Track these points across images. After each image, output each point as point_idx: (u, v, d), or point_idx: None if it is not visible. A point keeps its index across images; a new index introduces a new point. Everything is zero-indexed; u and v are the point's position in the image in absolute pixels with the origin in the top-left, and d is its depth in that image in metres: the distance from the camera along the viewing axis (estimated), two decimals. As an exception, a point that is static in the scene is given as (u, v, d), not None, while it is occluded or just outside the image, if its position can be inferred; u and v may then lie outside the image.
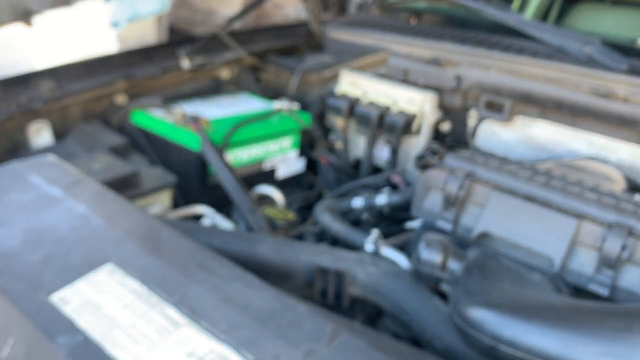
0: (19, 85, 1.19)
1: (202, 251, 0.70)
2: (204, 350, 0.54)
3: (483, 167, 0.92)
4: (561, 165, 1.05)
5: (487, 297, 0.70)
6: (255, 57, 1.60)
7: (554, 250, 0.81)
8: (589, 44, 1.11)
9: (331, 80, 1.47)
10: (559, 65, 1.13)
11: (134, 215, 0.78)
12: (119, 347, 0.55)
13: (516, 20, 1.23)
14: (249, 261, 0.89)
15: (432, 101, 1.26)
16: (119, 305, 0.60)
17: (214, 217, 1.12)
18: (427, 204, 0.95)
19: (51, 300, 0.60)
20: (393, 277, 0.87)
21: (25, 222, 0.73)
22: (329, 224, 1.06)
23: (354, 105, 1.32)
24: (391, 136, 1.27)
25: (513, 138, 1.19)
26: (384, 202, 1.13)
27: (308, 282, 0.90)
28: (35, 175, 0.84)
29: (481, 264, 0.79)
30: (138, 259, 0.67)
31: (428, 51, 1.31)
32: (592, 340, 0.60)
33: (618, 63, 1.07)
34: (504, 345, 0.64)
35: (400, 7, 1.91)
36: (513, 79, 1.18)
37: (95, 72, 1.31)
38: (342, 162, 1.39)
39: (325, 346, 0.55)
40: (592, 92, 1.08)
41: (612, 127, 1.08)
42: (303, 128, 1.38)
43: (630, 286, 0.77)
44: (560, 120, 1.14)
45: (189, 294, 0.61)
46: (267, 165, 1.33)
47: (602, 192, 0.85)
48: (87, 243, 0.70)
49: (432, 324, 0.79)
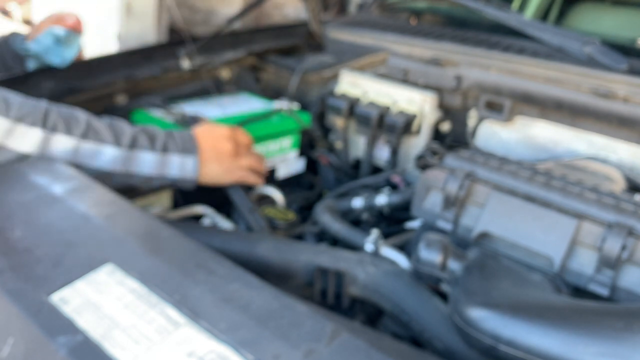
0: (19, 85, 1.19)
1: (202, 251, 0.70)
2: (204, 350, 0.54)
3: (483, 167, 0.92)
4: (561, 165, 1.05)
5: (487, 297, 0.70)
6: (255, 57, 1.60)
7: (554, 250, 0.81)
8: (589, 44, 1.11)
9: (331, 80, 1.47)
10: (559, 65, 1.13)
11: (134, 215, 0.78)
12: (119, 347, 0.55)
13: (516, 20, 1.23)
14: (249, 261, 0.89)
15: (432, 101, 1.26)
16: (119, 305, 0.60)
17: (214, 217, 1.12)
18: (427, 204, 0.95)
19: (51, 300, 0.60)
20: (393, 277, 0.87)
21: (25, 222, 0.73)
22: (329, 224, 1.06)
23: (354, 105, 1.32)
24: (391, 136, 1.27)
25: (513, 138, 1.19)
26: (384, 202, 1.13)
27: (308, 282, 0.91)
28: (36, 175, 0.84)
29: (481, 264, 0.79)
30: (138, 259, 0.67)
31: (428, 51, 1.31)
32: (592, 340, 0.60)
33: (618, 63, 1.07)
34: (504, 345, 0.64)
35: (400, 7, 1.91)
36: (513, 79, 1.18)
37: (95, 72, 1.31)
38: (342, 162, 1.39)
39: (325, 346, 0.55)
40: (592, 92, 1.08)
41: (612, 127, 1.08)
42: (303, 128, 1.38)
43: (630, 286, 0.77)
44: (560, 120, 1.14)
45: (189, 294, 0.61)
46: (267, 165, 1.33)
47: (602, 192, 0.85)
48: (87, 243, 0.70)
49: (432, 324, 0.79)
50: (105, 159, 0.95)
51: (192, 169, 1.03)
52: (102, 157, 0.95)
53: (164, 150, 1.01)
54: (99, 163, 0.95)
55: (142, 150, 0.99)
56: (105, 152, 0.96)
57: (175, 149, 1.02)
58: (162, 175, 1.01)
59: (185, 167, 1.02)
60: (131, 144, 0.98)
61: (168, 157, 1.01)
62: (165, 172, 1.01)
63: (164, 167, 1.01)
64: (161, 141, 1.01)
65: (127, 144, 0.98)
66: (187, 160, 1.02)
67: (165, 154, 1.01)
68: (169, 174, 1.01)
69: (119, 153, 0.97)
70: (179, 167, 1.02)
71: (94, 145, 0.95)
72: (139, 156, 0.99)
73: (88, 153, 0.94)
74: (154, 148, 1.00)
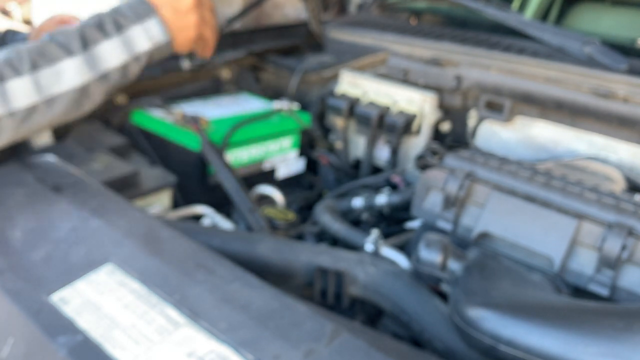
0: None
1: (202, 251, 0.70)
2: (204, 350, 0.54)
3: (483, 167, 0.92)
4: (561, 165, 1.05)
5: (487, 297, 0.70)
6: (255, 57, 1.60)
7: (554, 250, 0.81)
8: (589, 44, 1.11)
9: (331, 80, 1.47)
10: (559, 65, 1.13)
11: (134, 215, 0.78)
12: (119, 347, 0.55)
13: (516, 20, 1.23)
14: (249, 261, 0.89)
15: (432, 101, 1.26)
16: (119, 305, 0.60)
17: (214, 217, 1.12)
18: (427, 204, 0.95)
19: (51, 300, 0.60)
20: (393, 277, 0.87)
21: (25, 222, 0.73)
22: (329, 224, 1.06)
23: (354, 105, 1.32)
24: (391, 136, 1.27)
25: (513, 138, 1.19)
26: (384, 202, 1.13)
27: (308, 282, 0.90)
28: (35, 175, 0.84)
29: (481, 264, 0.79)
30: (138, 259, 0.67)
31: (428, 51, 1.31)
32: (592, 340, 0.60)
33: (618, 63, 1.07)
34: (503, 345, 0.64)
35: (400, 7, 1.91)
36: (513, 79, 1.18)
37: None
38: (342, 162, 1.39)
39: (325, 346, 0.55)
40: (592, 92, 1.08)
41: (612, 127, 1.08)
42: (303, 128, 1.38)
43: (630, 286, 0.77)
44: (560, 120, 1.14)
45: (189, 294, 0.61)
46: (267, 165, 1.33)
47: (602, 192, 0.85)
48: (87, 243, 0.70)
49: (432, 324, 0.79)
50: (70, 76, 0.85)
51: (159, 31, 0.92)
52: (65, 75, 0.85)
53: (119, 29, 0.90)
54: (65, 84, 0.85)
55: (97, 44, 0.88)
56: (65, 69, 0.85)
57: (130, 21, 0.91)
58: (134, 56, 0.91)
59: (151, 32, 0.92)
60: (83, 44, 0.87)
61: (128, 33, 0.90)
62: (135, 51, 0.91)
63: (130, 45, 0.90)
64: (110, 23, 0.90)
65: (79, 47, 0.86)
66: (149, 24, 0.92)
67: (123, 32, 0.90)
68: (140, 50, 0.91)
69: (78, 61, 0.86)
70: (145, 37, 0.91)
71: (50, 69, 0.84)
72: (98, 51, 0.88)
73: (50, 80, 0.84)
74: (107, 33, 0.89)
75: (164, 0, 0.94)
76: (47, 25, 1.26)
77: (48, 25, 1.26)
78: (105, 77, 0.89)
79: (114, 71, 0.90)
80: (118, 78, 0.91)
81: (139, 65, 0.93)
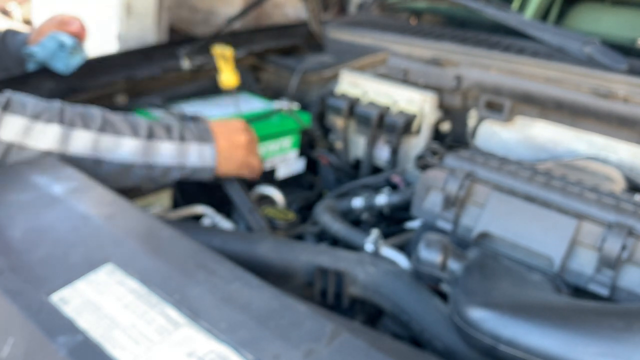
0: (19, 85, 1.19)
1: (202, 251, 0.70)
2: (204, 350, 0.54)
3: (483, 167, 0.92)
4: (561, 165, 1.05)
5: (487, 297, 0.70)
6: (255, 57, 1.60)
7: (554, 250, 0.81)
8: (589, 44, 1.11)
9: (331, 80, 1.47)
10: (559, 65, 1.13)
11: (134, 215, 0.78)
12: (119, 347, 0.55)
13: (516, 20, 1.23)
14: (249, 261, 0.89)
15: (432, 101, 1.26)
16: (119, 305, 0.60)
17: (214, 217, 1.12)
18: (427, 204, 0.95)
19: (51, 300, 0.60)
20: (393, 277, 0.87)
21: (25, 222, 0.73)
22: (329, 224, 1.06)
23: (354, 105, 1.32)
24: (391, 136, 1.27)
25: (513, 138, 1.19)
26: (384, 202, 1.13)
27: (308, 282, 0.91)
28: (36, 175, 0.84)
29: (481, 264, 0.79)
30: (138, 259, 0.67)
31: (428, 51, 1.31)
32: (592, 340, 0.60)
33: (618, 63, 1.07)
34: (503, 345, 0.64)
35: (400, 7, 1.91)
36: (513, 79, 1.18)
37: (95, 72, 1.31)
38: (342, 162, 1.39)
39: (325, 346, 0.55)
40: (592, 92, 1.08)
41: (612, 127, 1.08)
42: (303, 128, 1.38)
43: (630, 286, 0.77)
44: (560, 120, 1.14)
45: (189, 294, 0.61)
46: (267, 165, 1.33)
47: (602, 192, 0.85)
48: (87, 243, 0.70)
49: (432, 324, 0.79)
50: (125, 151, 0.95)
51: (211, 157, 1.03)
52: (122, 149, 0.95)
53: (182, 139, 1.01)
54: (119, 156, 0.95)
55: (160, 140, 0.99)
56: (125, 144, 0.95)
57: (192, 137, 1.02)
58: (181, 165, 1.01)
59: (204, 155, 1.03)
60: (149, 134, 0.98)
61: (186, 146, 1.01)
62: (184, 161, 1.01)
63: (183, 156, 1.01)
64: (177, 131, 1.01)
65: (144, 135, 0.97)
66: (205, 148, 1.03)
67: (183, 143, 1.01)
68: (188, 162, 1.01)
69: (138, 144, 0.96)
70: (198, 155, 1.02)
71: (113, 138, 0.95)
72: (158, 146, 0.98)
73: (108, 146, 0.94)
74: (171, 137, 1.00)
75: (223, 132, 1.06)
76: (47, 25, 1.26)
77: (48, 25, 1.26)
78: (149, 167, 0.98)
79: (159, 168, 0.99)
80: (158, 175, 1.00)
81: (177, 174, 1.02)
